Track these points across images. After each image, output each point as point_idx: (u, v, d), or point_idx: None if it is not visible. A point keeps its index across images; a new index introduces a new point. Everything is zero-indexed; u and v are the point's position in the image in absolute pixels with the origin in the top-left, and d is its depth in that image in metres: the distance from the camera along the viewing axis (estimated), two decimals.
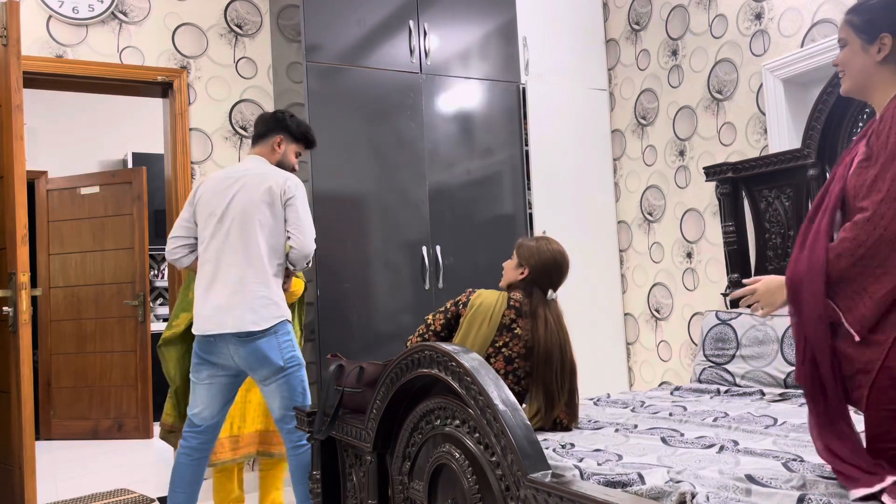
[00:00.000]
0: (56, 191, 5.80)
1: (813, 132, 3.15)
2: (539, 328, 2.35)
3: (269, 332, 2.62)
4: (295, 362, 2.70)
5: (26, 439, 2.79)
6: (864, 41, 1.64)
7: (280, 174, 2.76)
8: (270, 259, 2.68)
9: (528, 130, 4.22)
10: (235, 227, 2.68)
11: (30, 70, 3.49)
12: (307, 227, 2.72)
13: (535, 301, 2.40)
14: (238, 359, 2.64)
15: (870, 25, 1.63)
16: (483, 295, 2.42)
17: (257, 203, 2.68)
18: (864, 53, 1.64)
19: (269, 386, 2.67)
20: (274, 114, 2.93)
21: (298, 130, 2.92)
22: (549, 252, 2.43)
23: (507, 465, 1.58)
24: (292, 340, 2.70)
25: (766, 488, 1.49)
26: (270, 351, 2.62)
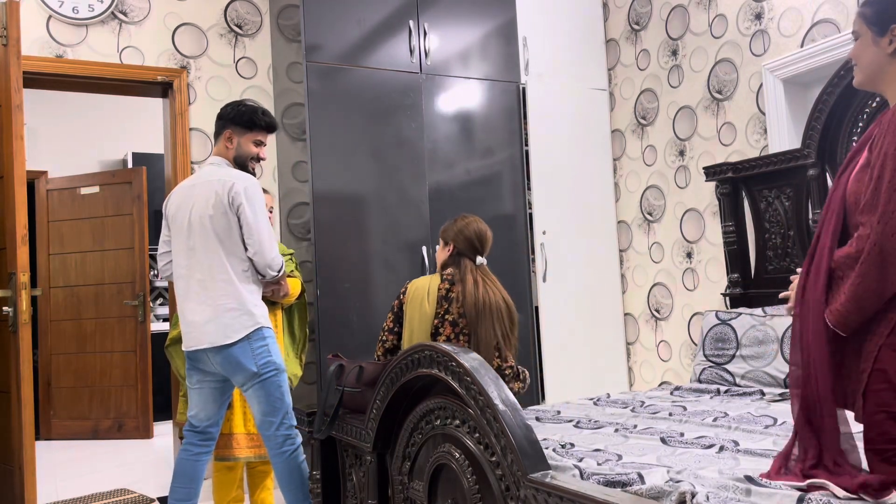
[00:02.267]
0: (56, 191, 5.80)
1: (813, 132, 3.14)
2: (468, 288, 2.62)
3: (241, 339, 2.60)
4: (270, 368, 2.64)
5: (26, 439, 2.79)
6: (876, 33, 1.62)
7: (229, 178, 2.65)
8: (235, 268, 2.63)
9: (528, 130, 4.22)
10: (198, 241, 2.65)
11: (30, 70, 3.49)
12: (262, 234, 2.63)
13: (464, 268, 2.69)
14: (216, 366, 2.66)
15: (881, 17, 1.61)
16: (416, 281, 2.73)
17: (210, 214, 2.63)
18: (875, 46, 1.63)
19: (248, 392, 2.66)
20: (221, 109, 2.83)
21: (243, 118, 2.76)
22: (468, 225, 2.75)
23: (507, 465, 1.58)
24: (268, 346, 2.65)
25: (766, 488, 1.49)
26: (243, 357, 2.59)
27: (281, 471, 2.67)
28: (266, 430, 2.66)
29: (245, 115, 2.77)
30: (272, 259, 2.66)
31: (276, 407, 2.65)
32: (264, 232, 2.64)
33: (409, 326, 2.65)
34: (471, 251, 2.71)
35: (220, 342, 2.59)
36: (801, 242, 3.26)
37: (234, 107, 2.79)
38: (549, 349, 4.12)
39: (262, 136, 2.81)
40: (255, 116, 2.77)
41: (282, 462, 2.65)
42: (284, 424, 2.65)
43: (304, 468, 2.68)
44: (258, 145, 2.81)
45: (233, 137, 2.78)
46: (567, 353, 4.18)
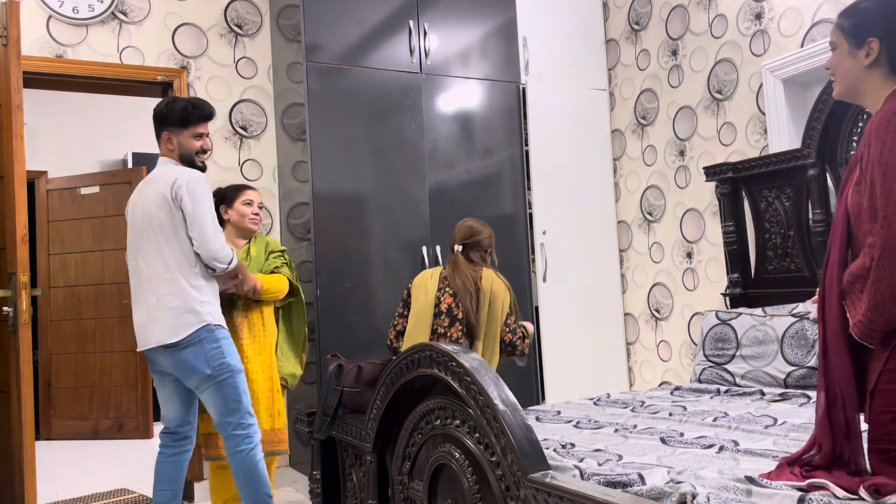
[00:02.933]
0: (56, 191, 5.80)
1: (813, 132, 3.14)
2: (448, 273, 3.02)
3: (192, 341, 2.56)
4: (225, 370, 2.60)
5: (26, 439, 2.79)
6: (853, 45, 1.61)
7: (172, 175, 2.64)
8: (181, 266, 2.60)
9: (528, 130, 4.21)
10: (144, 241, 2.64)
11: (30, 70, 3.49)
12: (205, 225, 2.59)
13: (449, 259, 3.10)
14: (170, 368, 2.63)
15: (858, 29, 1.60)
16: (422, 274, 3.09)
17: (155, 212, 2.62)
18: (852, 58, 1.62)
19: (203, 394, 2.63)
20: (154, 110, 2.79)
21: (175, 116, 2.72)
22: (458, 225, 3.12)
23: (507, 465, 1.58)
24: (221, 348, 2.61)
25: (767, 489, 1.49)
26: (195, 360, 2.56)
27: (237, 470, 2.64)
28: (223, 430, 2.64)
29: (177, 112, 2.71)
30: (216, 250, 2.60)
31: (232, 409, 2.62)
32: (207, 224, 2.60)
33: (416, 305, 2.98)
34: (452, 244, 3.10)
35: (165, 340, 2.55)
36: (801, 242, 3.26)
37: (165, 106, 2.74)
38: (549, 349, 4.12)
39: (200, 128, 2.76)
40: (187, 112, 2.71)
41: (238, 461, 2.63)
42: (242, 425, 2.63)
43: (261, 467, 2.67)
44: (199, 138, 2.76)
45: (171, 138, 2.75)
46: (567, 353, 4.18)
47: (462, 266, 3.01)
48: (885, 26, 1.57)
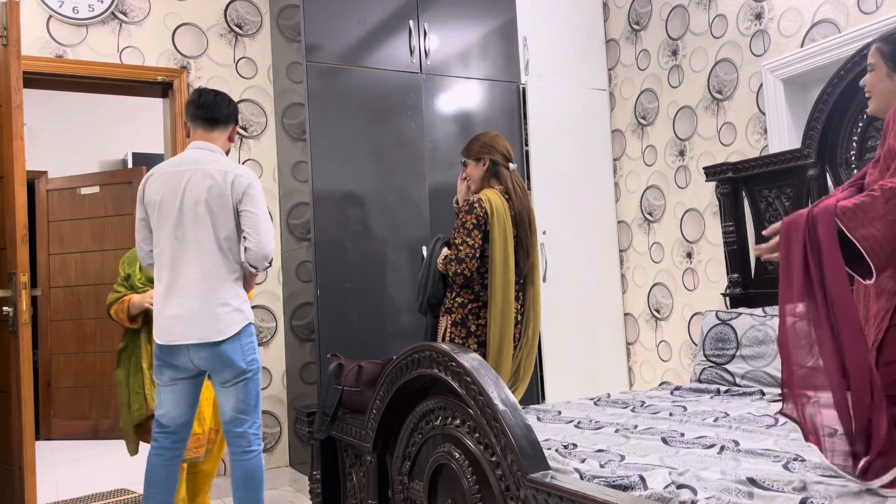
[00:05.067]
0: (56, 191, 5.80)
1: (813, 132, 3.14)
2: (513, 198, 2.85)
3: (232, 336, 2.54)
4: (255, 365, 2.62)
5: (26, 439, 2.79)
6: (891, 68, 1.76)
7: (231, 169, 2.59)
8: (227, 262, 2.56)
9: (528, 130, 4.21)
10: (189, 230, 2.55)
11: (30, 70, 3.49)
12: (264, 227, 2.57)
13: (505, 179, 2.88)
14: (199, 361, 2.56)
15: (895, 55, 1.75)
16: (489, 201, 2.78)
17: (206, 201, 2.54)
18: (889, 80, 1.76)
19: (228, 388, 2.58)
20: (228, 98, 2.74)
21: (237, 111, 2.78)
22: (494, 138, 2.91)
23: (507, 465, 1.58)
24: (254, 343, 2.64)
25: (768, 491, 1.49)
26: (234, 353, 2.54)
27: (244, 472, 2.57)
28: (237, 427, 2.59)
29: (236, 109, 2.78)
30: (268, 252, 2.58)
31: (252, 406, 2.61)
32: (266, 225, 2.58)
33: (503, 243, 2.74)
34: (504, 160, 2.89)
35: (210, 338, 2.51)
36: None
37: (229, 102, 2.74)
38: (549, 349, 4.12)
39: None
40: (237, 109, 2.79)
41: (247, 462, 2.57)
42: (257, 424, 2.62)
43: (263, 473, 2.63)
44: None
45: (234, 135, 2.77)
46: (567, 353, 4.18)
47: (520, 191, 2.86)
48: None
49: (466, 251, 2.72)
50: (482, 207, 2.75)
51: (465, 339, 2.77)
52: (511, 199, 2.83)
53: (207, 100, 2.68)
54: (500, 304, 2.72)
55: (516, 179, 2.89)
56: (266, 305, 4.07)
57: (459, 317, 2.79)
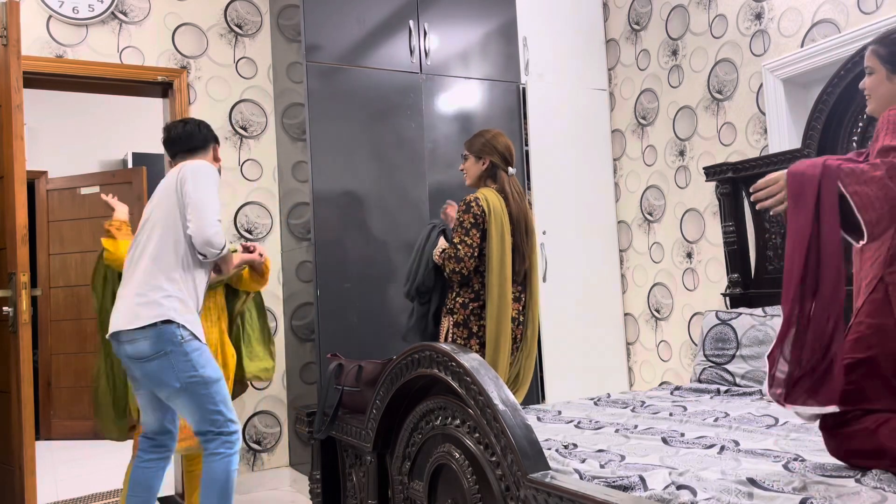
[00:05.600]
0: (56, 191, 5.80)
1: (813, 132, 3.14)
2: (510, 202, 2.83)
3: (159, 354, 2.38)
4: (196, 380, 2.42)
5: (26, 439, 2.79)
6: (889, 71, 1.80)
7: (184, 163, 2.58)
8: (160, 254, 2.45)
9: (528, 130, 4.21)
10: (140, 234, 2.54)
11: (30, 70, 3.49)
12: (203, 210, 2.42)
13: (502, 181, 2.88)
14: (138, 377, 2.47)
15: (895, 57, 1.80)
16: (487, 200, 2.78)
17: (158, 202, 2.53)
18: (889, 82, 1.81)
19: (174, 402, 2.48)
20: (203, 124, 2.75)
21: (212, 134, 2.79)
22: (496, 138, 2.90)
23: (507, 465, 1.58)
24: (191, 359, 2.41)
25: (768, 491, 1.49)
26: (163, 373, 2.39)
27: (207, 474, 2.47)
28: (202, 436, 2.50)
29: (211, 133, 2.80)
30: (213, 234, 2.42)
31: (208, 417, 2.47)
32: (209, 205, 2.44)
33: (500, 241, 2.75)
34: (503, 162, 2.90)
35: (121, 327, 2.39)
36: None
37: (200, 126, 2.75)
38: (549, 349, 4.12)
39: None
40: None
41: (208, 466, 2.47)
42: (225, 430, 2.49)
43: (234, 480, 2.49)
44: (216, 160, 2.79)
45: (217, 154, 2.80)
46: (567, 353, 4.17)
47: (517, 195, 2.85)
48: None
49: (465, 250, 2.73)
50: (479, 206, 2.76)
51: (466, 341, 2.77)
52: (508, 203, 2.83)
53: (178, 133, 2.69)
54: (497, 300, 2.73)
55: (514, 184, 2.90)
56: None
57: (461, 318, 2.79)
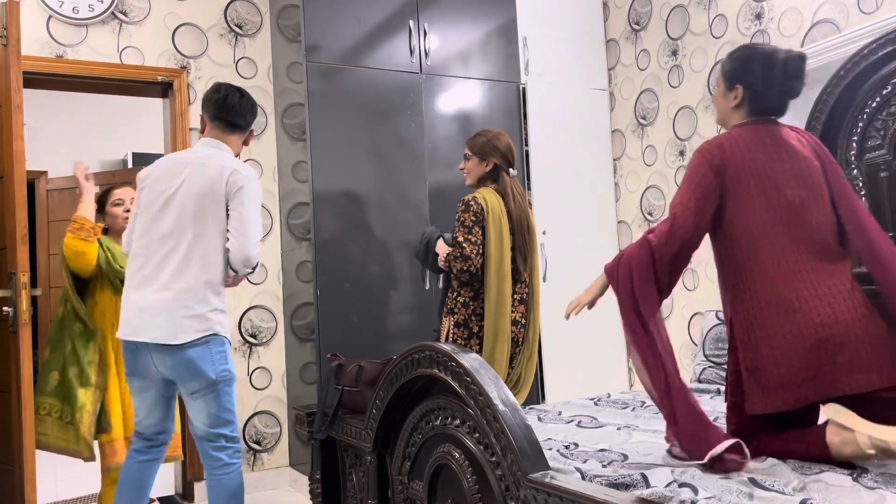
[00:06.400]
0: (56, 191, 5.80)
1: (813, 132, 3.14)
2: (510, 203, 2.82)
3: (198, 341, 2.34)
4: (227, 375, 2.41)
5: (26, 439, 2.79)
6: (726, 87, 1.92)
7: (228, 162, 2.45)
8: (207, 263, 2.38)
9: (528, 130, 4.21)
10: (174, 223, 2.39)
11: (30, 70, 3.49)
12: (250, 228, 2.40)
13: (504, 183, 2.86)
14: (163, 368, 2.38)
15: (731, 75, 1.91)
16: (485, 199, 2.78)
17: (198, 197, 2.38)
18: (724, 98, 1.93)
19: (197, 401, 2.39)
20: (251, 100, 2.61)
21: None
22: (498, 137, 2.89)
23: (507, 465, 1.58)
24: (226, 352, 2.42)
25: (769, 491, 1.49)
26: (202, 361, 2.34)
27: (222, 489, 2.38)
28: (212, 442, 2.41)
29: None
30: (250, 256, 2.40)
31: (227, 419, 2.43)
32: (253, 227, 2.42)
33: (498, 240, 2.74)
34: (506, 164, 2.88)
35: (166, 340, 2.32)
36: None
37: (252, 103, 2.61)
38: (549, 349, 4.12)
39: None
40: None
41: (224, 478, 2.39)
42: (234, 438, 2.44)
43: (243, 490, 2.44)
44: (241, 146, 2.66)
45: (250, 140, 2.67)
46: (567, 353, 4.17)
47: (518, 196, 2.83)
48: (750, 77, 1.86)
49: (470, 248, 2.72)
50: (478, 204, 2.77)
51: (467, 341, 2.78)
52: (508, 203, 2.83)
53: (233, 101, 2.54)
54: (495, 298, 2.73)
55: (515, 186, 2.89)
56: (266, 305, 4.07)
57: (462, 318, 2.79)
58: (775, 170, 1.81)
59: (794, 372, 1.69)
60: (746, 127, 1.89)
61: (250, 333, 4.01)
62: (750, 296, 1.78)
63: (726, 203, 1.83)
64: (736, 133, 1.88)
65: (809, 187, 1.82)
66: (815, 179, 1.84)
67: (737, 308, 1.80)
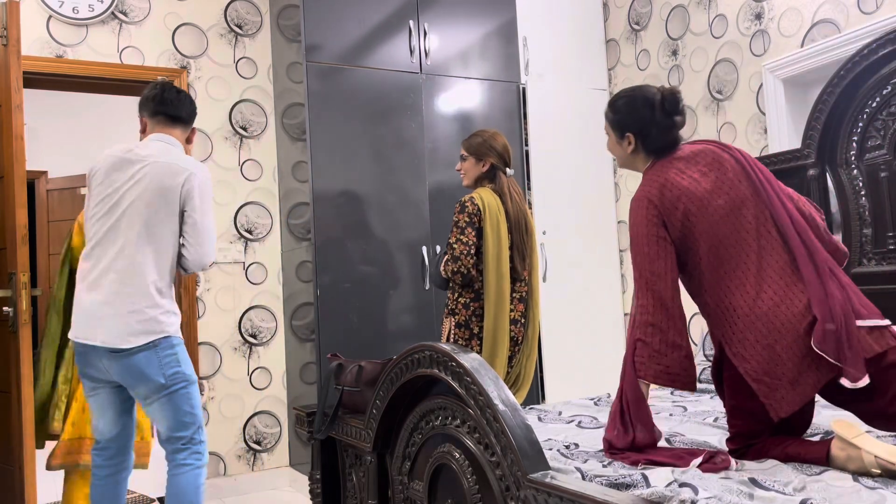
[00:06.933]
0: (56, 191, 5.80)
1: (813, 132, 3.14)
2: (507, 202, 2.82)
3: (146, 346, 2.29)
4: (179, 379, 2.34)
5: (26, 439, 2.79)
6: (617, 136, 2.02)
7: (183, 164, 2.39)
8: (157, 263, 2.33)
9: (528, 130, 4.21)
10: (124, 225, 2.33)
11: (30, 70, 3.49)
12: (207, 237, 2.38)
13: (501, 182, 2.86)
14: (113, 373, 2.33)
15: (618, 125, 2.01)
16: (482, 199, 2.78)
17: (151, 199, 2.33)
18: (620, 146, 2.02)
19: (152, 405, 2.34)
20: (190, 100, 2.56)
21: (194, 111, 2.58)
22: (494, 137, 2.89)
23: (507, 465, 1.58)
24: (177, 355, 2.35)
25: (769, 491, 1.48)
26: (147, 366, 2.28)
27: (176, 488, 2.33)
28: (172, 444, 2.37)
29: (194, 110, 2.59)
30: (206, 262, 2.41)
31: (185, 421, 2.37)
32: (209, 233, 2.40)
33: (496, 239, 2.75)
34: (502, 164, 2.89)
35: (114, 344, 2.27)
36: None
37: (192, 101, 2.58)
38: (549, 349, 4.12)
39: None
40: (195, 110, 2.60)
41: (180, 476, 2.33)
42: (196, 439, 2.39)
43: (202, 493, 2.37)
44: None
45: (193, 137, 2.62)
46: (567, 353, 4.17)
47: (516, 196, 2.83)
48: (636, 124, 1.95)
49: (461, 248, 2.74)
50: (474, 205, 2.78)
51: (468, 342, 2.78)
52: (506, 203, 2.83)
53: (171, 96, 2.51)
54: (494, 298, 2.74)
55: (513, 185, 2.89)
56: (266, 305, 4.07)
57: (463, 318, 2.80)
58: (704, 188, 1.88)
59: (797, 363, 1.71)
60: (657, 165, 1.95)
61: (250, 333, 4.01)
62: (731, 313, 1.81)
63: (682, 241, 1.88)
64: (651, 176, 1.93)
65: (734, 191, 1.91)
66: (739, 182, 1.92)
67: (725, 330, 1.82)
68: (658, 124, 1.93)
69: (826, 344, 1.67)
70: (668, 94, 1.93)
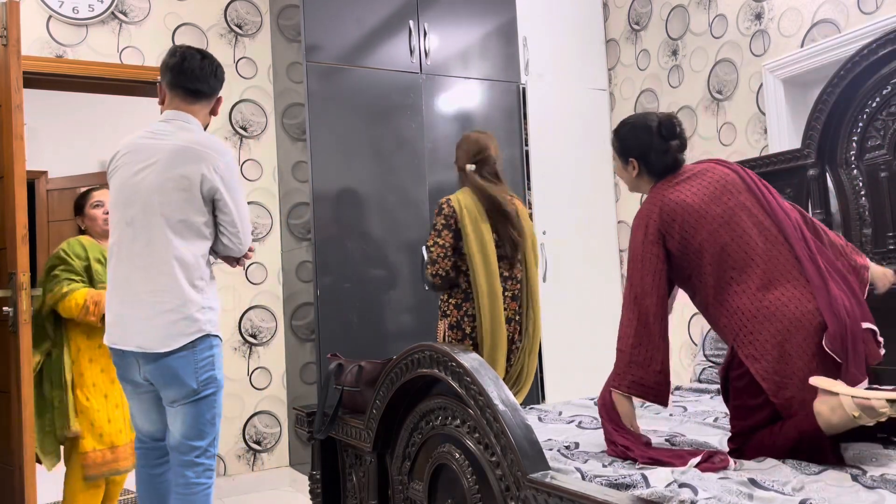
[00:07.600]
0: (56, 191, 5.80)
1: (813, 132, 3.14)
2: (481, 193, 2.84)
3: (185, 347, 2.15)
4: (212, 385, 2.22)
5: (26, 439, 2.79)
6: (623, 162, 2.11)
7: (200, 146, 2.18)
8: (185, 257, 2.15)
9: (528, 130, 4.21)
10: (141, 215, 2.16)
11: (30, 70, 3.49)
12: (245, 222, 2.25)
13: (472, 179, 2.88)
14: (146, 373, 2.20)
15: (622, 151, 2.09)
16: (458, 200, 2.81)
17: (169, 189, 2.14)
18: (626, 171, 2.11)
19: (175, 408, 2.20)
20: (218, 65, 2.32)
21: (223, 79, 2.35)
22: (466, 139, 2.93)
23: (507, 465, 1.58)
24: (214, 357, 2.22)
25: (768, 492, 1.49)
26: (183, 369, 2.14)
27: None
28: (184, 455, 2.20)
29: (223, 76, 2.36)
30: (246, 245, 2.28)
31: (205, 432, 2.22)
32: (245, 217, 2.25)
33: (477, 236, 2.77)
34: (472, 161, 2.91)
35: (150, 348, 2.13)
36: None
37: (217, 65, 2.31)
38: (549, 349, 4.12)
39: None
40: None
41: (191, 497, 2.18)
42: (209, 453, 2.24)
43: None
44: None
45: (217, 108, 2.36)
46: (567, 353, 4.17)
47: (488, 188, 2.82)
48: (638, 149, 2.04)
49: (437, 251, 2.78)
50: (449, 206, 2.81)
51: (460, 343, 2.79)
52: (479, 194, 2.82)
53: (192, 66, 2.24)
54: (487, 297, 2.74)
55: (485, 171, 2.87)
56: (266, 305, 4.07)
57: (454, 320, 2.81)
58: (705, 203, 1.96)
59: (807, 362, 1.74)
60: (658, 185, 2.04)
61: (250, 333, 4.01)
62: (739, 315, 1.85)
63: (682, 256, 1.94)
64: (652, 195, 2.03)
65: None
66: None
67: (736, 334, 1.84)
68: (657, 148, 2.04)
69: (834, 344, 1.71)
70: (665, 120, 2.04)
